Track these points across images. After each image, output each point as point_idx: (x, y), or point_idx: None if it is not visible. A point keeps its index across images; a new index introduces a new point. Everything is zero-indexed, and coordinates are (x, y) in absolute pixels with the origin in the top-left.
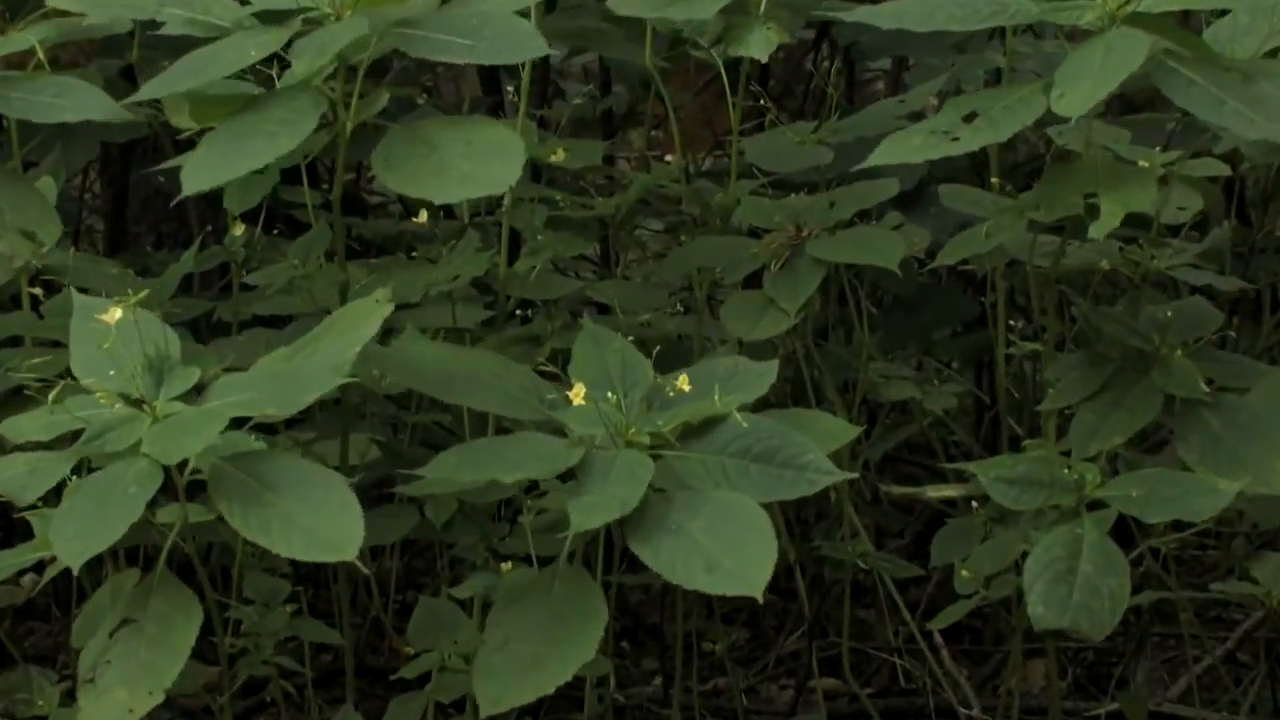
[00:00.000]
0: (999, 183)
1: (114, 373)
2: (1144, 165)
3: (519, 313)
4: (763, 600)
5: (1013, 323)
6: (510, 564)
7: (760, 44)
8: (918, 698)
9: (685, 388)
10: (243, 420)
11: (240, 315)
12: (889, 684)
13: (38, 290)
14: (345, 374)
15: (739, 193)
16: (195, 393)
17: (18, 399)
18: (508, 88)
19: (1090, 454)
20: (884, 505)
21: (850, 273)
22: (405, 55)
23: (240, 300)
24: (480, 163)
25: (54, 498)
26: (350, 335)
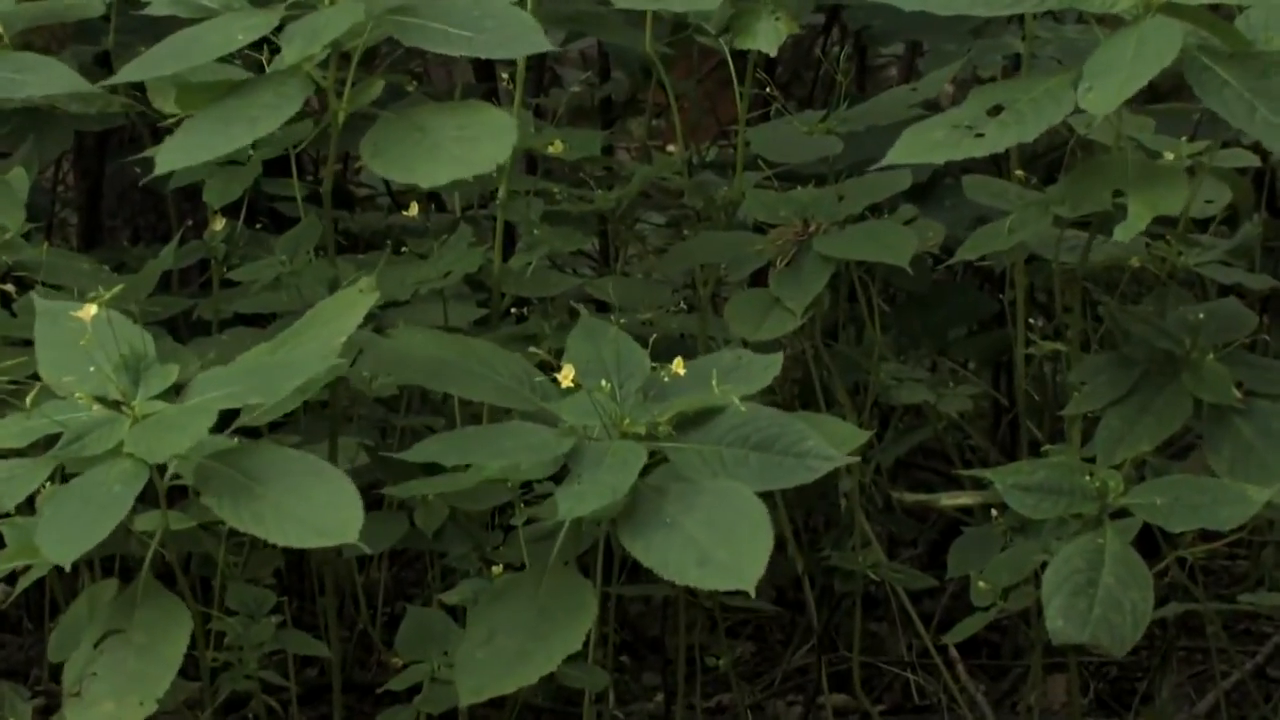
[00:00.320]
0: (1023, 175)
1: (92, 370)
2: (1170, 157)
3: (514, 311)
4: (755, 596)
5: (1033, 321)
6: (501, 569)
7: (769, 36)
8: (932, 715)
9: (680, 372)
10: (225, 423)
11: (221, 314)
12: (902, 700)
13: (9, 287)
14: (332, 361)
15: (744, 185)
16: (174, 392)
17: None
18: (502, 75)
19: (1116, 462)
20: (897, 513)
21: (861, 269)
22: (397, 40)
23: (221, 298)
24: (471, 146)
25: (25, 508)
26: (334, 325)
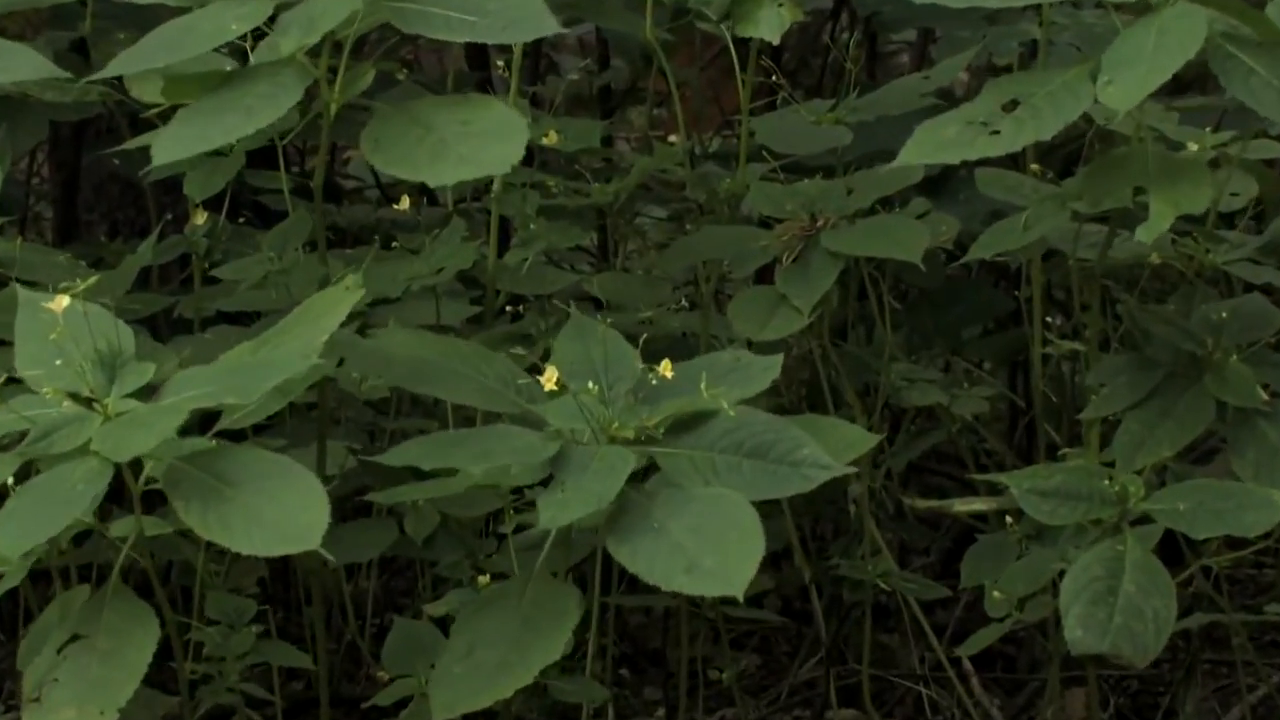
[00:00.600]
0: (1039, 169)
1: (60, 363)
2: (1194, 149)
3: (509, 309)
4: (743, 601)
5: (1050, 320)
6: (489, 578)
7: (772, 23)
8: None
9: (668, 375)
10: (206, 425)
11: (203, 312)
12: (913, 715)
13: None
14: (315, 359)
15: (748, 178)
16: (150, 391)
17: None
18: (497, 62)
19: (1136, 467)
20: (908, 520)
21: (871, 266)
22: (390, 26)
23: (204, 295)
24: (479, 144)
25: None
26: (318, 323)
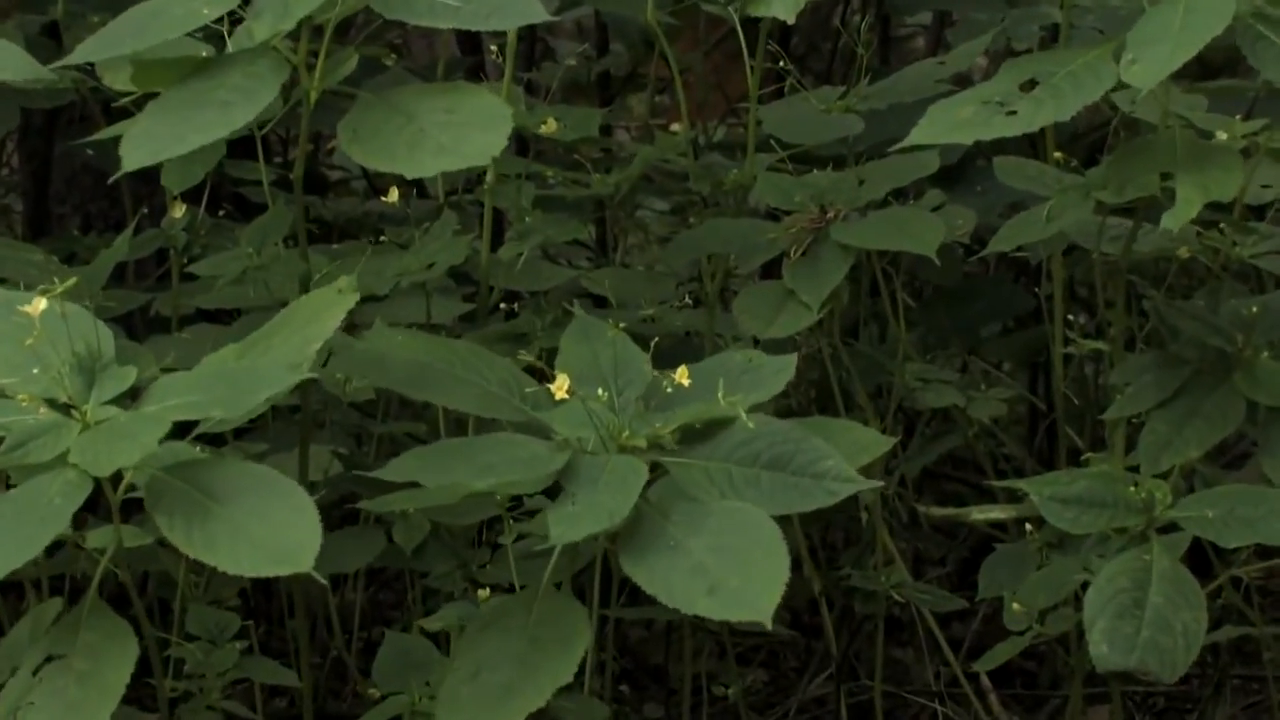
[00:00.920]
0: (1062, 157)
1: (37, 372)
2: (1223, 137)
3: (503, 306)
4: (771, 627)
5: (1072, 318)
6: (489, 592)
7: (785, 1)
8: None
9: (685, 382)
10: (184, 430)
11: (181, 309)
12: None
13: None
14: (305, 372)
15: (755, 168)
16: (130, 397)
17: None
18: (490, 47)
19: (1162, 469)
20: (923, 528)
21: (883, 260)
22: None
23: (181, 292)
24: (460, 133)
25: None
26: (308, 330)
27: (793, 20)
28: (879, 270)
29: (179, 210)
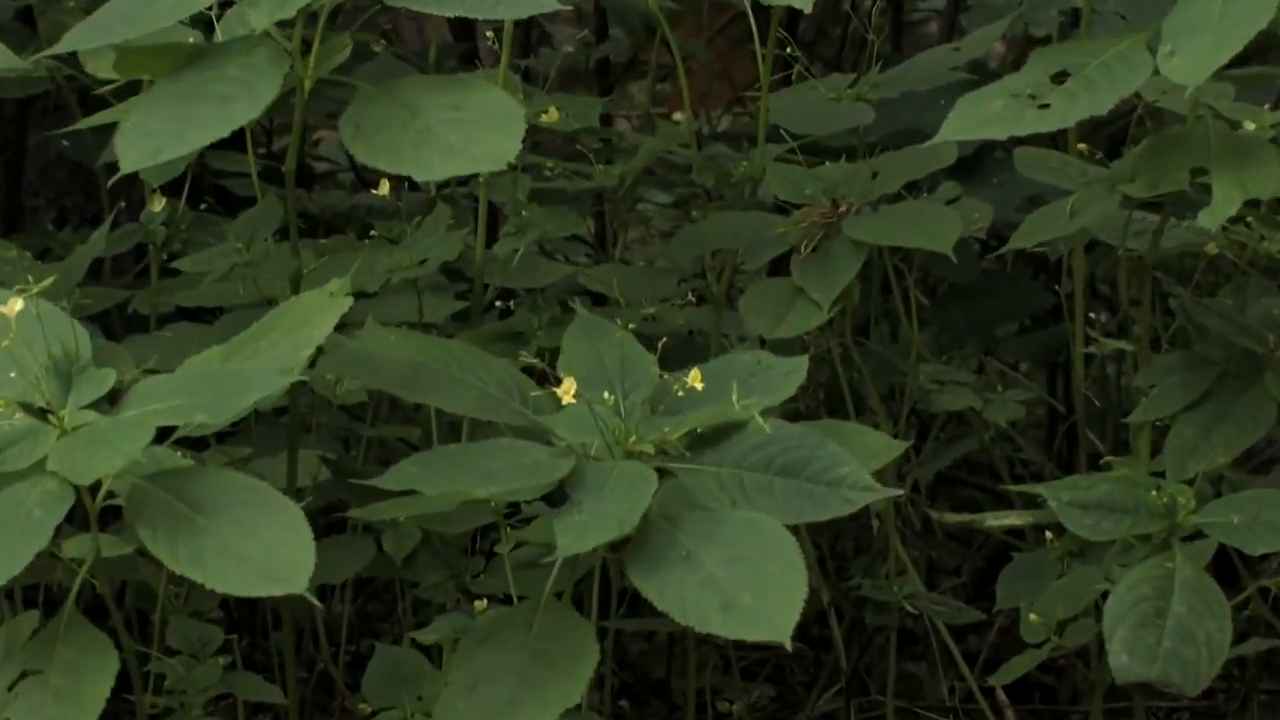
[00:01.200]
0: (1086, 149)
1: (14, 375)
2: (1252, 127)
3: (499, 304)
4: (790, 648)
5: (1094, 316)
6: (485, 603)
7: None
8: None
9: (697, 385)
10: (163, 434)
11: (161, 307)
12: None
13: None
14: (296, 377)
15: (763, 159)
16: (109, 400)
17: None
18: (486, 33)
19: (1189, 476)
20: (937, 536)
21: (897, 257)
22: None
23: (161, 289)
24: (470, 133)
25: None
26: (300, 333)
27: (810, 9)
28: (892, 267)
29: (158, 204)
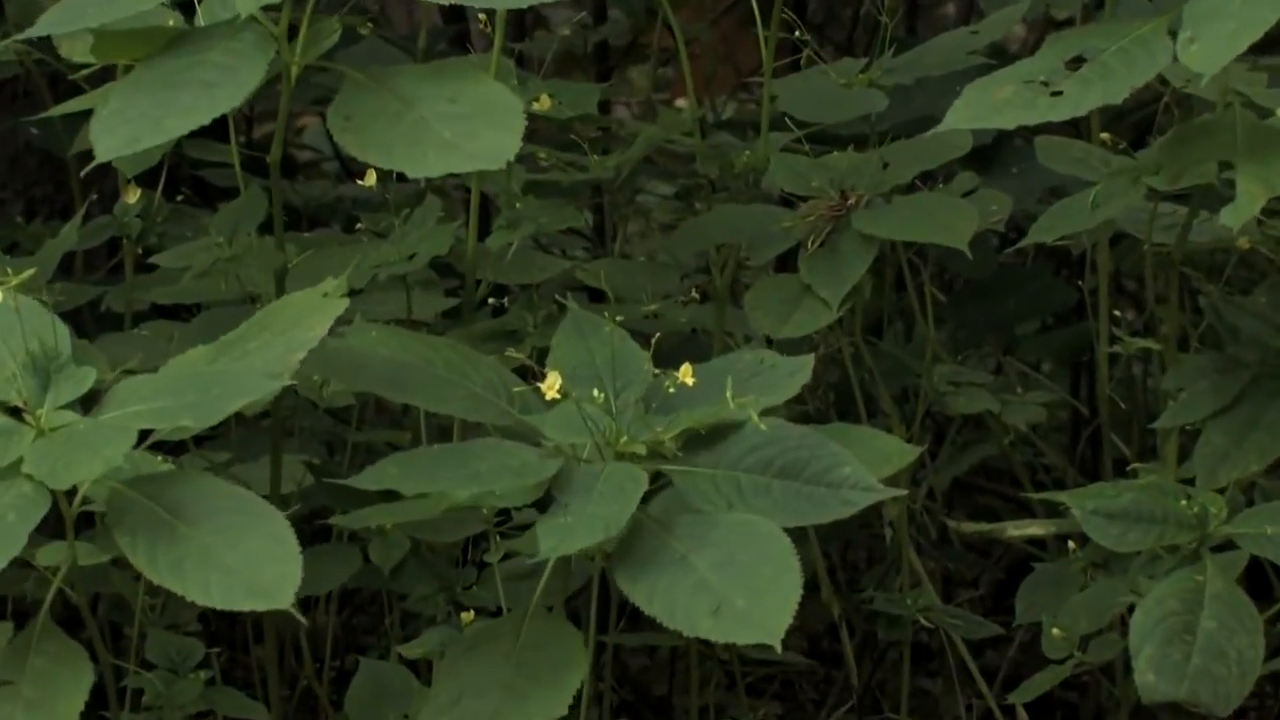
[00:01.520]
0: (1110, 139)
1: None
2: None
3: (491, 301)
4: (782, 651)
5: (1118, 314)
6: (473, 614)
7: None
8: None
9: (689, 381)
10: (142, 436)
11: (135, 305)
12: None
13: None
14: (286, 381)
15: (769, 149)
16: (88, 400)
17: None
18: (478, 15)
19: (1220, 484)
20: (953, 546)
21: (910, 251)
22: None
23: (136, 285)
24: (467, 128)
25: None
26: (292, 335)
27: None
28: (905, 262)
29: (133, 195)
